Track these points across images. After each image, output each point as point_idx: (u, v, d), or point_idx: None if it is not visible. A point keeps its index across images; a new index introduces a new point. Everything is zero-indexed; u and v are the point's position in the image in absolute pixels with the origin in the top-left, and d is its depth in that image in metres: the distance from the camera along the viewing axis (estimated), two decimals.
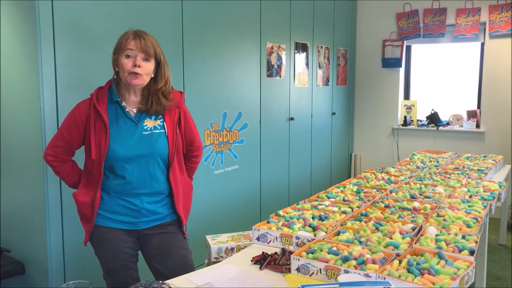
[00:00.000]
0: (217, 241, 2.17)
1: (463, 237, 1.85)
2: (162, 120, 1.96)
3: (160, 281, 1.46)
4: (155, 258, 1.99)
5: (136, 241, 2.00)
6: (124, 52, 1.84)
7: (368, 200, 2.45)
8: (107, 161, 1.88)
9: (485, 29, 5.22)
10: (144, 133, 1.91)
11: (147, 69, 1.86)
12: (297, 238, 1.89)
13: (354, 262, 1.60)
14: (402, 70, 5.83)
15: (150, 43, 1.86)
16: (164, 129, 1.95)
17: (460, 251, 1.71)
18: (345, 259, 1.63)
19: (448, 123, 5.64)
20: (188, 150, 2.09)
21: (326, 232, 1.95)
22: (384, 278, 1.47)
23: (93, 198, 1.91)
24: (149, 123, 1.93)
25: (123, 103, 1.93)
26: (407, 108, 5.83)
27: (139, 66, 1.83)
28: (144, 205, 1.94)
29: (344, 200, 2.47)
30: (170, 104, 1.95)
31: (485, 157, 3.97)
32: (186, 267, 1.95)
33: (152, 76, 1.91)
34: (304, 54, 4.72)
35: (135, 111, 1.93)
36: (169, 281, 1.59)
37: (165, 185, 1.99)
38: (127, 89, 1.91)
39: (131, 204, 1.93)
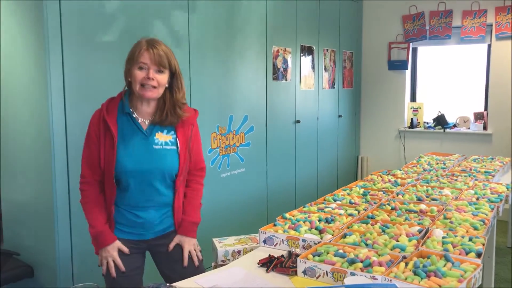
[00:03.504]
0: (224, 244, 2.18)
1: (470, 240, 1.84)
2: (174, 135, 1.91)
3: (168, 284, 1.47)
4: (167, 266, 2.00)
5: (143, 253, 2.01)
6: (137, 64, 1.79)
7: (375, 203, 2.45)
8: (115, 173, 1.85)
9: (491, 30, 5.20)
10: (154, 147, 1.86)
11: (161, 81, 1.81)
12: (304, 240, 1.89)
13: (360, 265, 1.60)
14: (408, 72, 5.82)
15: (164, 53, 1.81)
16: (176, 145, 1.90)
17: (467, 253, 1.70)
18: (352, 262, 1.63)
19: (455, 125, 5.62)
20: (190, 172, 2.02)
21: (332, 235, 1.95)
22: (391, 280, 1.48)
23: (109, 211, 1.91)
24: (160, 137, 1.88)
25: (135, 114, 1.87)
26: (413, 110, 5.81)
27: (152, 79, 1.79)
28: (151, 219, 1.93)
29: (350, 203, 2.47)
30: (185, 115, 1.89)
31: (492, 159, 3.95)
32: (197, 273, 1.95)
33: (167, 86, 1.86)
34: (310, 57, 4.72)
35: (147, 123, 1.88)
36: (176, 284, 1.61)
37: (171, 198, 1.97)
38: (140, 99, 1.85)
39: (139, 218, 1.92)
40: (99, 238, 1.89)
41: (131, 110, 1.87)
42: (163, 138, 1.89)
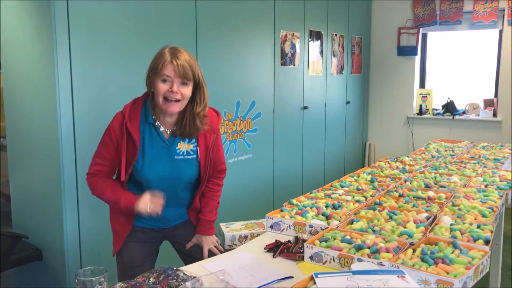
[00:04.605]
0: (231, 229, 2.19)
1: (478, 227, 1.83)
2: (195, 144, 1.89)
3: (175, 268, 1.48)
4: (187, 260, 2.03)
5: (158, 243, 2.05)
6: (160, 76, 1.73)
7: (382, 189, 2.44)
8: (136, 179, 1.86)
9: (503, 15, 5.11)
10: (176, 157, 1.85)
11: (185, 94, 1.76)
12: (311, 226, 1.89)
13: (367, 251, 1.60)
14: (417, 58, 5.75)
15: (188, 65, 1.74)
16: (197, 154, 1.89)
17: (475, 240, 1.69)
18: (359, 248, 1.63)
19: (464, 112, 5.56)
20: (210, 174, 2.01)
21: (339, 221, 1.95)
22: (398, 267, 1.47)
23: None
24: (182, 146, 1.86)
25: (157, 123, 1.84)
26: (422, 96, 5.76)
27: (176, 92, 1.73)
28: (169, 216, 1.96)
29: (357, 189, 2.46)
30: (204, 128, 1.86)
31: (501, 146, 3.91)
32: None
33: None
34: (318, 42, 4.68)
35: (169, 132, 1.85)
36: (183, 268, 1.61)
37: (191, 199, 2.01)
38: (162, 111, 1.80)
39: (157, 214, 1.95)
40: (128, 203, 1.80)
41: (153, 118, 1.83)
42: (184, 147, 1.87)
